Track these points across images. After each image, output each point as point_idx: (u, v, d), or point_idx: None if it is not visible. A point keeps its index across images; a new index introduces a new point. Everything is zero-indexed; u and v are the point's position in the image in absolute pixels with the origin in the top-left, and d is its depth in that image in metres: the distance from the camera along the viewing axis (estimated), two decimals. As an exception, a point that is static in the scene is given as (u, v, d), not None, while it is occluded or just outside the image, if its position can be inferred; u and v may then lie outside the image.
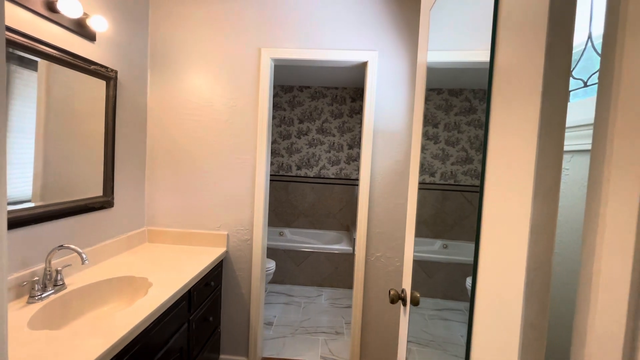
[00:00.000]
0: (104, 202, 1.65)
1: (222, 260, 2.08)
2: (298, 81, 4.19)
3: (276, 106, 4.40)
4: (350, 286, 3.63)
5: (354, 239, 3.62)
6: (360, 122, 4.36)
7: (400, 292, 1.22)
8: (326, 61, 2.06)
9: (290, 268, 3.66)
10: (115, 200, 1.75)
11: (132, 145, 1.92)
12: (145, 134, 2.07)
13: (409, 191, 1.15)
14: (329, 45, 2.03)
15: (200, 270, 1.64)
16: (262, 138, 2.06)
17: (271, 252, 3.64)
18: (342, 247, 3.66)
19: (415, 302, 1.14)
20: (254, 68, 2.05)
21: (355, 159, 4.39)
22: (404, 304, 1.20)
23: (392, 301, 1.21)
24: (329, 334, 2.67)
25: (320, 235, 4.39)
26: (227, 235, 2.10)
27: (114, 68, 1.69)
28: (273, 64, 2.11)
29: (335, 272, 3.64)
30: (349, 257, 3.63)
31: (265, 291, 3.47)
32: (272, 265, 2.98)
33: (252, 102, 2.06)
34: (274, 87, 4.37)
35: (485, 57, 0.70)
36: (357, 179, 4.41)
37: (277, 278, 3.65)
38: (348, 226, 4.38)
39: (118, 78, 1.72)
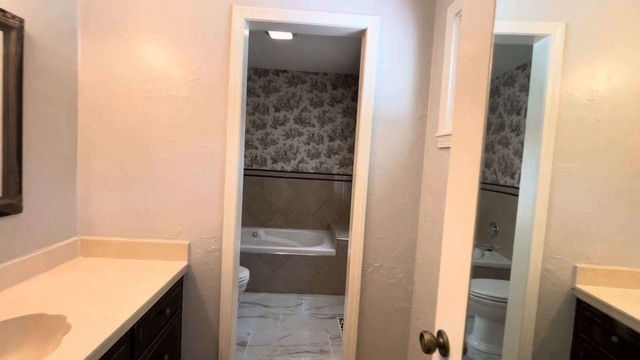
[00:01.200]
0: (5, 206, 1.16)
1: (182, 278, 1.64)
2: (273, 64, 3.74)
3: (249, 92, 3.91)
4: (333, 292, 3.28)
5: (337, 239, 3.26)
6: (342, 112, 3.99)
7: (436, 337, 0.86)
8: (315, 26, 1.64)
9: (266, 274, 3.24)
10: (26, 203, 1.25)
11: (55, 128, 1.42)
12: (77, 113, 1.56)
13: (466, 190, 0.78)
14: (320, 7, 1.62)
15: (150, 298, 1.20)
16: (234, 121, 1.62)
17: (244, 257, 3.20)
18: (323, 249, 3.29)
19: (465, 351, 0.79)
20: (223, 31, 1.60)
21: (336, 151, 4.02)
22: (445, 354, 0.84)
23: (427, 350, 0.85)
24: (312, 354, 2.30)
25: (299, 235, 3.99)
26: (189, 245, 1.65)
27: (18, 15, 1.18)
28: (248, 29, 1.67)
29: (316, 277, 3.27)
30: (331, 260, 3.26)
31: (238, 302, 3.03)
32: (245, 274, 2.55)
33: (221, 76, 1.61)
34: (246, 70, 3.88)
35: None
36: (339, 174, 4.05)
37: (252, 286, 3.22)
38: (329, 225, 4.01)
39: (26, 30, 1.22)
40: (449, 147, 1.44)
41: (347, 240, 3.33)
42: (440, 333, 0.86)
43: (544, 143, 1.15)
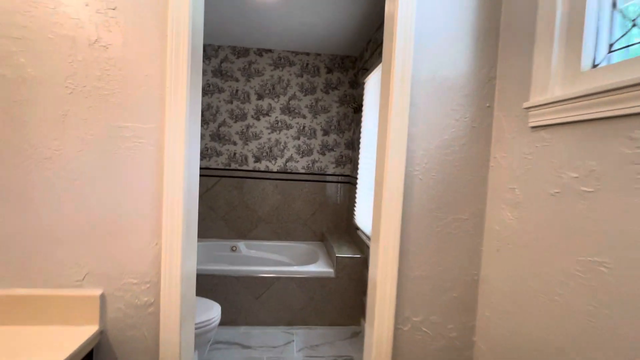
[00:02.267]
0: None
1: (90, 355, 0.94)
2: (255, 41, 3.05)
3: (225, 74, 3.21)
4: (332, 323, 2.61)
5: (336, 256, 2.60)
6: (338, 100, 3.34)
7: None
8: None
9: (247, 302, 2.54)
10: None
11: None
12: None
13: None
14: None
15: None
16: (179, 85, 0.94)
17: (217, 282, 2.50)
18: (318, 268, 2.62)
19: None
20: None
21: (332, 148, 3.37)
22: None
23: None
24: None
25: (287, 248, 3.31)
26: (102, 297, 0.96)
27: None
28: None
29: (310, 305, 2.59)
30: (329, 283, 2.60)
31: (208, 343, 2.32)
32: (214, 314, 1.85)
33: (154, 7, 0.93)
34: (221, 49, 3.18)
35: None
36: (335, 175, 3.39)
37: (227, 318, 2.52)
38: (323, 235, 3.35)
39: None
40: (559, 124, 0.80)
41: (349, 258, 2.69)
42: None
43: None
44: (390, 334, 1.07)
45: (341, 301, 2.62)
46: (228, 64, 3.23)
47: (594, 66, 0.79)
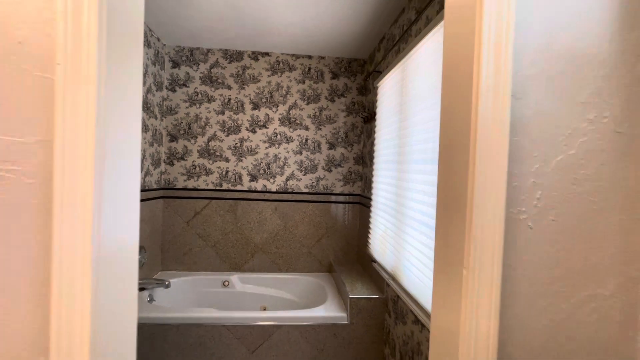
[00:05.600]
0: None
1: None
2: (250, 43, 2.65)
3: (216, 82, 2.79)
4: (345, 382, 2.10)
5: (350, 297, 2.11)
6: (346, 109, 2.91)
7: None
8: None
9: (240, 358, 2.04)
10: None
11: None
12: None
13: None
14: None
15: None
16: (86, 65, 0.48)
17: (204, 333, 2.00)
18: (327, 313, 2.14)
19: None
20: None
21: (338, 163, 2.91)
22: None
23: None
24: None
25: (290, 282, 2.82)
26: None
27: None
28: None
29: (318, 359, 2.09)
30: (342, 331, 2.10)
31: (189, 418, 1.81)
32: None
33: None
34: (210, 52, 2.77)
35: None
36: (343, 194, 2.92)
37: (215, 379, 2.01)
38: (331, 265, 2.86)
39: None
40: None
41: (365, 299, 2.17)
42: None
43: None
44: None
45: (357, 353, 2.12)
46: (219, 70, 2.81)
47: None
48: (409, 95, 1.79)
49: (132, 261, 0.62)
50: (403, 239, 1.76)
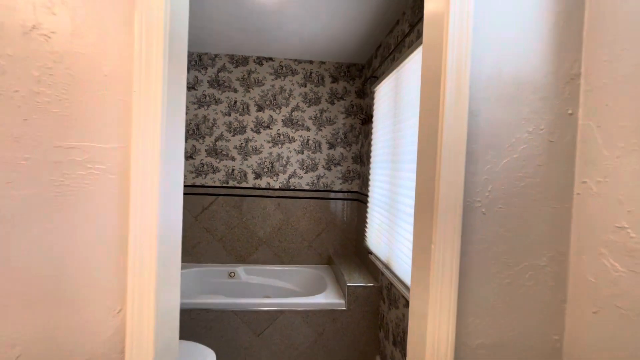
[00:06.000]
0: None
1: None
2: (255, 49, 2.82)
3: (223, 85, 2.97)
4: (343, 363, 2.29)
5: (348, 285, 2.30)
6: (345, 111, 3.09)
7: None
8: None
9: (247, 340, 2.23)
10: None
11: None
12: None
13: None
14: None
15: None
16: (152, 93, 0.67)
17: (213, 317, 2.19)
18: (327, 299, 2.32)
19: None
20: None
21: (338, 162, 3.10)
22: None
23: None
24: None
25: (291, 274, 3.01)
26: (40, 390, 0.66)
27: None
28: None
29: (318, 341, 2.28)
30: (340, 316, 2.29)
31: (202, 392, 2.00)
32: (208, 367, 1.55)
33: (118, -23, 0.67)
34: (218, 57, 2.95)
35: None
36: (342, 191, 3.11)
37: (225, 359, 2.20)
38: (330, 258, 3.05)
39: None
40: None
41: (361, 287, 2.39)
42: None
43: None
44: None
45: (354, 337, 2.31)
46: (225, 74, 2.99)
47: None
48: (402, 101, 1.97)
49: (177, 239, 0.80)
50: (396, 231, 1.94)
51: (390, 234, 2.05)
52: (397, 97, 2.07)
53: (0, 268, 0.66)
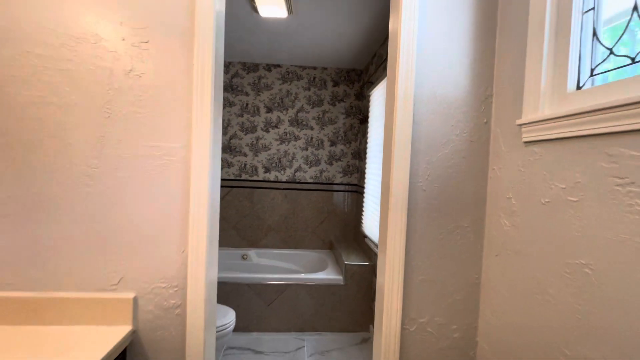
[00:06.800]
0: None
1: (124, 352, 1.03)
2: (264, 57, 3.19)
3: (236, 89, 3.35)
4: (342, 329, 2.67)
5: (345, 264, 2.67)
6: (345, 112, 3.45)
7: None
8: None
9: (258, 309, 2.62)
10: None
11: None
12: (-55, 96, 0.98)
13: None
14: None
15: None
16: (204, 106, 1.05)
17: (230, 289, 2.59)
18: (328, 275, 2.70)
19: None
20: (184, -31, 1.04)
21: (339, 158, 3.46)
22: None
23: None
24: None
25: (297, 256, 3.40)
26: (135, 299, 1.05)
27: None
28: (224, -30, 1.11)
29: (320, 311, 2.66)
30: (339, 290, 2.67)
31: (223, 348, 2.40)
32: (229, 319, 1.94)
33: (182, 37, 1.04)
34: (232, 65, 3.33)
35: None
36: (342, 184, 3.48)
37: (240, 324, 2.60)
38: (331, 243, 3.43)
39: None
40: (548, 140, 0.89)
41: (357, 265, 2.77)
42: None
43: None
44: (397, 334, 1.15)
45: (350, 308, 2.68)
46: (238, 79, 3.37)
47: (579, 88, 0.88)
48: (390, 105, 2.32)
49: (216, 209, 1.18)
50: (384, 215, 2.30)
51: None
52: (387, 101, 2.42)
53: (112, 223, 1.05)
